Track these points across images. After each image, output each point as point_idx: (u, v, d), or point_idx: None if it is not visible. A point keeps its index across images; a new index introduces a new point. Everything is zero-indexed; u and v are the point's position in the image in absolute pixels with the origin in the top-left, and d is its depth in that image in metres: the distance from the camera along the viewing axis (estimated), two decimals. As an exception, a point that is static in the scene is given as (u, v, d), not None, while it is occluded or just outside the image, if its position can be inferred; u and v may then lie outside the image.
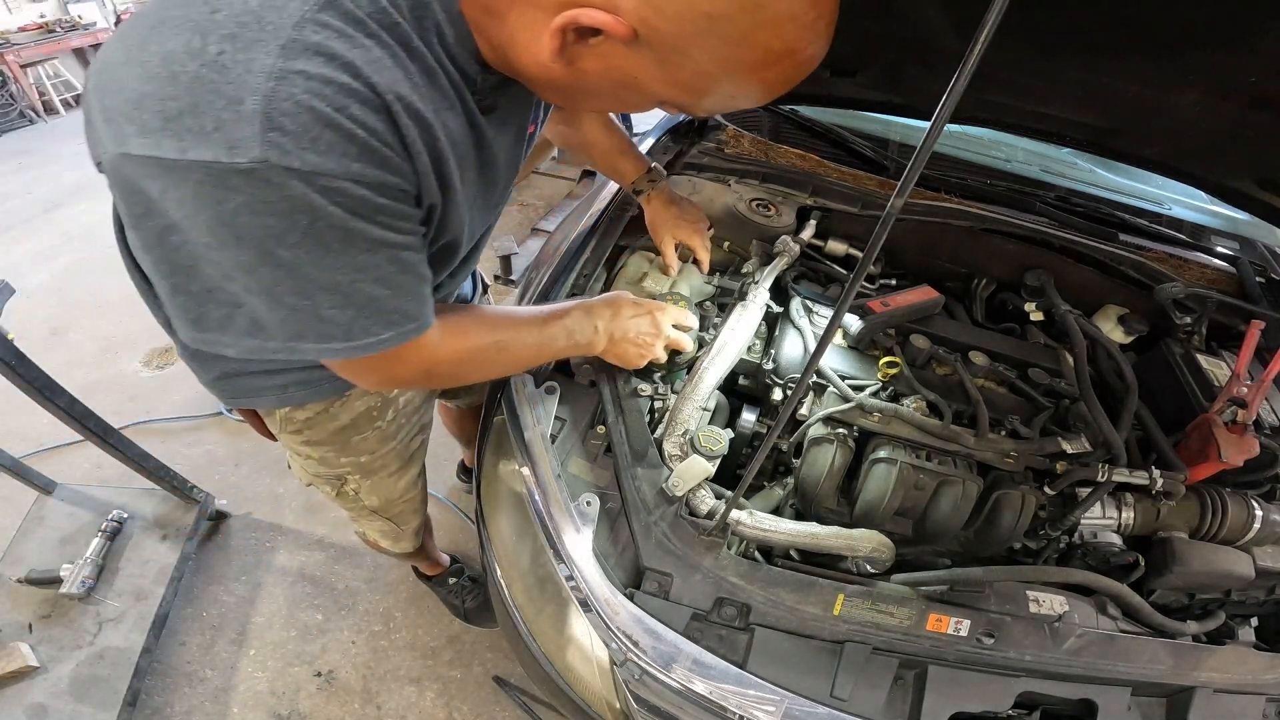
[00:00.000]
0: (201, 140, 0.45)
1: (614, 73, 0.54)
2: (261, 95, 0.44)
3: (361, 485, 1.10)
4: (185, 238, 0.51)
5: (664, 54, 0.50)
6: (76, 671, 1.49)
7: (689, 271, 1.19)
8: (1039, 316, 1.27)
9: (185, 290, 0.55)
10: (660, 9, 0.47)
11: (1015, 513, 0.94)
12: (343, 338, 0.58)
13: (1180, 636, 0.90)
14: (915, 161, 0.43)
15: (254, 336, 0.57)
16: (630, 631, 0.79)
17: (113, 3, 6.41)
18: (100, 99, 0.49)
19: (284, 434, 0.97)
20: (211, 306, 0.56)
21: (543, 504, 0.88)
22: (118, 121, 0.47)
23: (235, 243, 0.49)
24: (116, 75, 0.48)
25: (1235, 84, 0.86)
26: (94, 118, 0.51)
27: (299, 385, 0.86)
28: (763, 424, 1.08)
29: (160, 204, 0.49)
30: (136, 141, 0.46)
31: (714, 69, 0.52)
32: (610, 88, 0.56)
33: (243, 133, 0.44)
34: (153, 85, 0.45)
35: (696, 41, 0.49)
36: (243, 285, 0.53)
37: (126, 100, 0.46)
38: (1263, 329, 1.15)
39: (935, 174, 1.47)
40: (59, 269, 3.24)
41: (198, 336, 0.58)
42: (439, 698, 1.62)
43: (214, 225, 0.48)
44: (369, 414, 0.99)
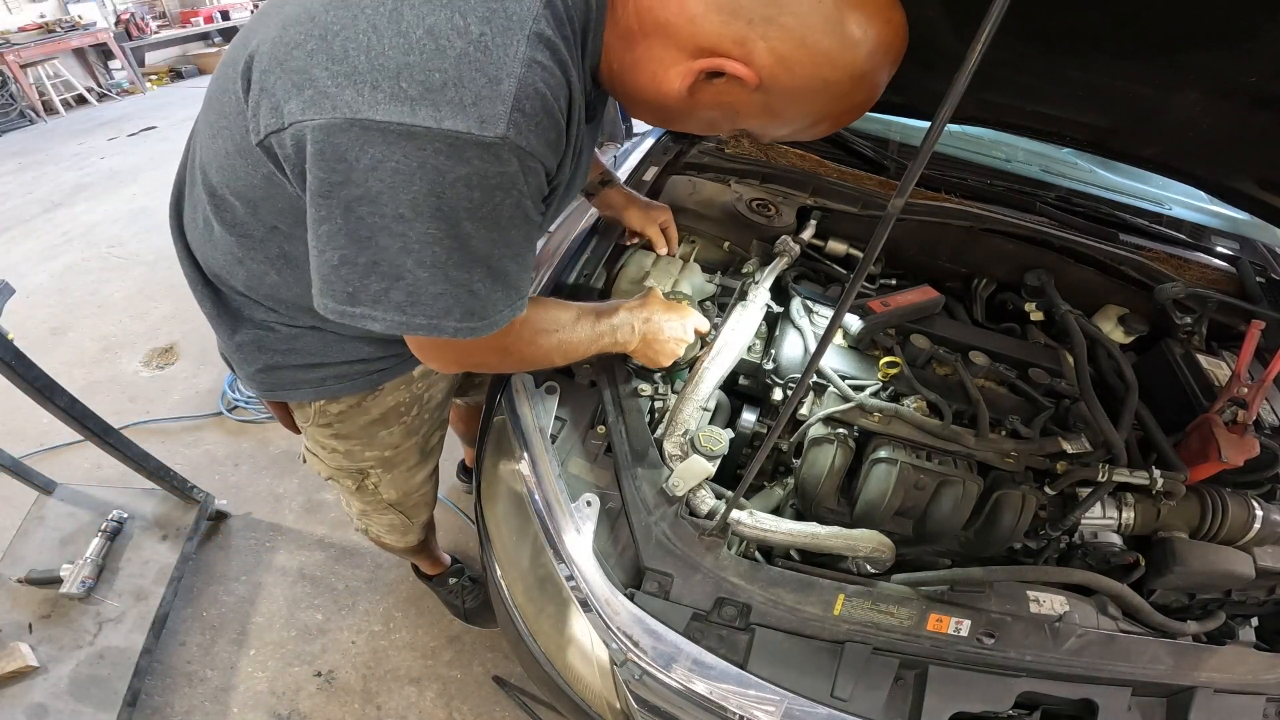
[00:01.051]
0: (458, 112, 0.49)
1: (722, 106, 0.63)
2: (516, 79, 0.50)
3: (382, 479, 1.12)
4: (376, 209, 0.53)
5: (775, 100, 0.60)
6: (76, 671, 1.49)
7: (691, 271, 1.19)
8: (1039, 316, 1.27)
9: (352, 262, 0.56)
10: (790, 70, 0.57)
11: (1015, 513, 0.94)
12: (480, 315, 0.62)
13: (1181, 637, 0.90)
14: (916, 161, 0.43)
15: (403, 312, 0.58)
16: (630, 631, 0.79)
17: (113, 3, 6.41)
18: (327, 65, 0.51)
19: (313, 427, 0.99)
20: (373, 280, 0.57)
21: (543, 504, 0.88)
22: (358, 87, 0.49)
23: (432, 215, 0.53)
24: (358, 43, 0.50)
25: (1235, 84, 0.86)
26: (298, 83, 0.52)
27: (337, 379, 0.89)
28: (763, 424, 1.08)
29: (365, 173, 0.51)
30: (385, 108, 0.49)
31: (809, 116, 0.64)
32: (708, 116, 0.66)
33: (495, 110, 0.50)
34: (417, 57, 0.49)
35: (807, 96, 0.60)
36: (416, 258, 0.55)
37: (381, 68, 0.49)
38: (1263, 329, 1.15)
39: (935, 174, 1.47)
40: (59, 269, 3.24)
41: (346, 310, 0.58)
42: (439, 698, 1.62)
43: (423, 195, 0.52)
44: (398, 409, 1.01)
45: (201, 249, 0.79)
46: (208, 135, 0.68)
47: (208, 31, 7.19)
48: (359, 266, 0.56)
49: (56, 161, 4.59)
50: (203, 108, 0.71)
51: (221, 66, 0.67)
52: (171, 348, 2.69)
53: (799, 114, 0.63)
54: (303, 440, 1.10)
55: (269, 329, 0.84)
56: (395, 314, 0.58)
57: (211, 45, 7.28)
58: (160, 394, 2.46)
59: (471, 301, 0.60)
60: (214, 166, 0.68)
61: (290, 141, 0.54)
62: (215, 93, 0.67)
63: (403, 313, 0.58)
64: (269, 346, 0.84)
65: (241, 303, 0.82)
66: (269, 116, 0.55)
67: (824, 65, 0.57)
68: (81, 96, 5.93)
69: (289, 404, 0.98)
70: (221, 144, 0.65)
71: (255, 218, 0.69)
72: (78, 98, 5.94)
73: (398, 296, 0.58)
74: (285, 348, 0.84)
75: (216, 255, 0.77)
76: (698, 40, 0.57)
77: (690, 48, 0.58)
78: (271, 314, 0.82)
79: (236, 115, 0.61)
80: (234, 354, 0.86)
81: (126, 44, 6.25)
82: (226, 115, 0.63)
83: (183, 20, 7.01)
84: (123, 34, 6.25)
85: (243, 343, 0.84)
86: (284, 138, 0.55)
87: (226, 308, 0.83)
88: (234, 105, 0.61)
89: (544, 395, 0.99)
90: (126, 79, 6.34)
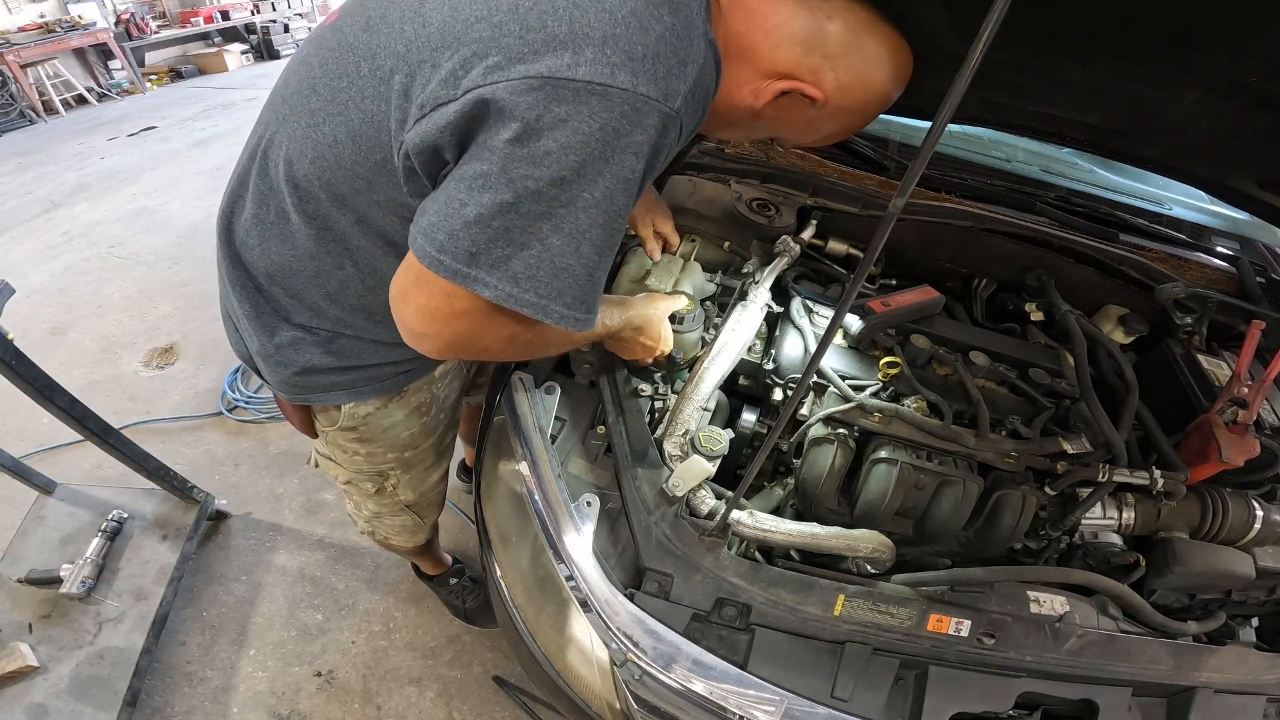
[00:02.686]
0: (651, 81, 0.55)
1: (775, 120, 0.75)
2: (697, 65, 0.59)
3: (401, 480, 1.14)
4: (537, 169, 0.55)
5: (823, 116, 0.74)
6: (76, 671, 1.49)
7: (691, 270, 1.19)
8: (1039, 316, 1.27)
9: (486, 223, 0.56)
10: (846, 95, 0.71)
11: (1016, 513, 0.94)
12: (586, 307, 0.63)
13: (1181, 637, 0.90)
14: (917, 161, 0.43)
15: (517, 284, 0.58)
16: (630, 632, 0.79)
17: (113, 3, 6.41)
18: (520, 34, 0.54)
19: (337, 431, 0.99)
20: (499, 245, 0.57)
21: (543, 504, 0.88)
22: (557, 52, 0.53)
23: (593, 177, 0.56)
24: (557, 16, 0.54)
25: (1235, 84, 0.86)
26: (481, 52, 0.55)
27: (367, 382, 0.91)
28: (763, 424, 1.08)
29: (542, 131, 0.54)
30: (587, 69, 0.53)
31: (838, 130, 0.79)
32: (758, 126, 0.77)
33: (678, 87, 0.57)
34: (623, 30, 0.54)
35: (847, 115, 0.75)
36: (555, 224, 0.57)
37: (586, 37, 0.53)
38: (1263, 329, 1.15)
39: (936, 174, 1.47)
40: (59, 269, 3.24)
41: (460, 270, 0.58)
42: (439, 698, 1.62)
43: (592, 159, 0.55)
44: (419, 409, 1.02)
45: (262, 247, 0.79)
46: (305, 124, 0.68)
47: (208, 31, 7.19)
48: (492, 228, 0.56)
49: (56, 161, 4.59)
50: (291, 100, 0.71)
51: (329, 52, 0.67)
52: (171, 348, 2.69)
53: (832, 128, 0.77)
54: (316, 446, 1.10)
55: (311, 331, 0.85)
56: (509, 284, 0.58)
57: (211, 45, 7.28)
58: (160, 394, 2.46)
59: (586, 288, 0.62)
60: (308, 157, 0.68)
61: (462, 107, 0.55)
62: (324, 79, 0.67)
63: (516, 284, 0.58)
64: (310, 347, 0.85)
65: (289, 304, 0.83)
66: (441, 90, 0.56)
67: (870, 93, 0.73)
68: (81, 96, 5.94)
69: (314, 408, 0.98)
70: (329, 131, 0.66)
71: (341, 209, 0.71)
72: (78, 98, 5.94)
73: (518, 266, 0.58)
74: (325, 349, 0.86)
75: (284, 252, 0.78)
76: (777, 66, 0.68)
77: (769, 71, 0.69)
78: (316, 318, 0.84)
79: (360, 100, 0.63)
80: (271, 355, 0.86)
81: (126, 44, 6.26)
82: (342, 102, 0.65)
83: (183, 20, 7.01)
84: (123, 34, 6.26)
85: (282, 344, 0.85)
86: (452, 106, 0.56)
87: (271, 308, 0.84)
88: (359, 91, 0.63)
89: (544, 395, 0.99)
90: (126, 79, 6.35)
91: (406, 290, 0.64)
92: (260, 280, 0.83)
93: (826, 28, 0.67)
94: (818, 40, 0.67)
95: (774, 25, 0.67)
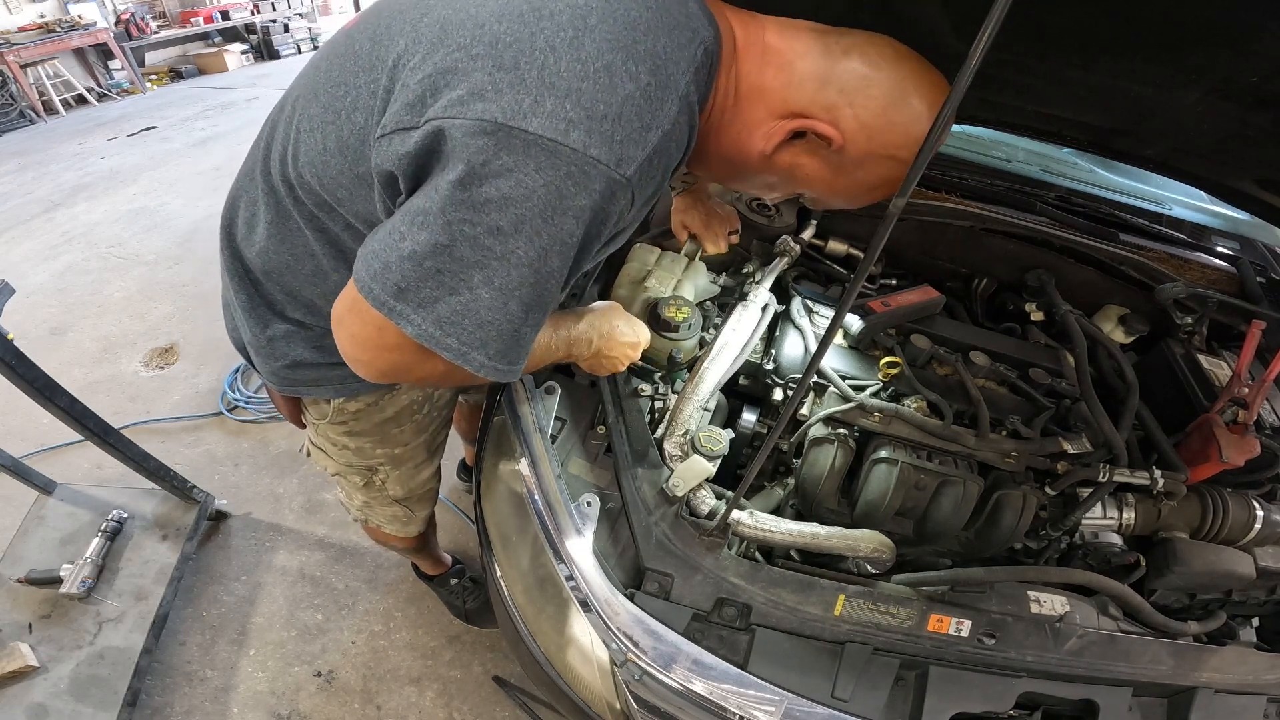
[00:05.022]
0: (605, 144, 0.52)
1: (791, 169, 0.68)
2: (661, 133, 0.55)
3: (390, 475, 1.14)
4: (475, 216, 0.53)
5: (846, 163, 0.66)
6: (76, 671, 1.49)
7: (695, 270, 1.19)
8: (1039, 316, 1.27)
9: (418, 261, 0.55)
10: (870, 136, 0.63)
11: (1016, 513, 0.94)
12: (510, 360, 0.61)
13: (1181, 637, 0.90)
14: (918, 161, 0.43)
15: (439, 327, 0.57)
16: (630, 632, 0.79)
17: (113, 3, 6.41)
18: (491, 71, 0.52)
19: (327, 425, 1.00)
20: (428, 286, 0.55)
21: (543, 504, 0.88)
22: (519, 97, 0.51)
23: (530, 235, 0.54)
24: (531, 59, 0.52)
25: (1235, 84, 0.86)
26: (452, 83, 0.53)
27: (357, 379, 0.87)
28: (763, 424, 1.08)
29: (487, 178, 0.52)
30: (540, 121, 0.51)
31: (867, 183, 0.68)
32: (773, 178, 0.70)
33: (634, 154, 0.54)
34: (590, 85, 0.51)
35: (874, 162, 0.65)
36: (486, 276, 0.55)
37: (551, 86, 0.51)
38: (1263, 329, 1.15)
39: (936, 174, 1.47)
40: (59, 269, 3.24)
41: (386, 302, 0.56)
42: (439, 698, 1.62)
43: (531, 215, 0.53)
44: (411, 407, 1.03)
45: (261, 244, 0.79)
46: (304, 129, 0.67)
47: (208, 31, 7.19)
48: (424, 268, 0.55)
49: (56, 161, 4.59)
50: (298, 101, 0.70)
51: (336, 58, 0.67)
52: (171, 348, 2.69)
53: (860, 179, 0.68)
54: (307, 435, 1.11)
55: (303, 327, 0.86)
56: (432, 326, 0.56)
57: (211, 45, 7.28)
58: (160, 394, 2.46)
59: (511, 343, 0.60)
60: (302, 161, 0.68)
61: (420, 137, 0.54)
62: (326, 86, 0.66)
63: (439, 327, 0.57)
64: (301, 342, 0.87)
65: (284, 300, 0.84)
66: (405, 114, 0.55)
67: (898, 133, 0.63)
68: (81, 96, 5.94)
69: (303, 401, 0.99)
70: (321, 139, 0.65)
71: (331, 215, 0.71)
72: (78, 98, 5.94)
73: (443, 310, 0.56)
74: (316, 344, 0.87)
75: (282, 251, 0.78)
76: (789, 105, 0.64)
77: (781, 111, 0.64)
78: (310, 315, 0.85)
79: (352, 111, 0.62)
80: (264, 347, 0.87)
81: (126, 44, 6.26)
82: (336, 111, 0.64)
83: (183, 20, 7.01)
84: (123, 34, 6.26)
85: (274, 337, 0.85)
86: (413, 135, 0.55)
87: (265, 302, 0.85)
88: (353, 102, 0.62)
89: (544, 395, 0.99)
90: (126, 79, 6.35)
91: (342, 316, 0.63)
92: (257, 275, 0.83)
93: (843, 63, 0.62)
94: (832, 76, 0.62)
95: (786, 61, 0.63)
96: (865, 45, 0.64)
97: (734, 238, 1.23)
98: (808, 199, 0.76)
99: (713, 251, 1.20)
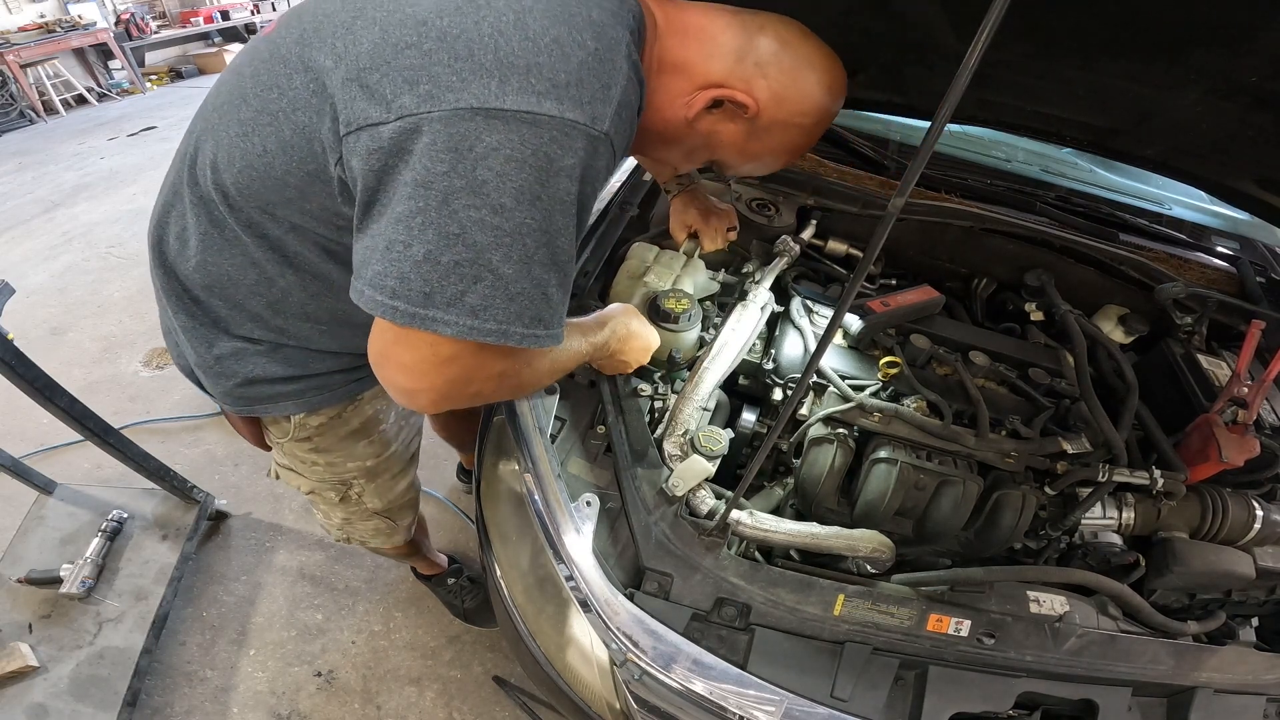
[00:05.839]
0: (577, 106, 0.56)
1: (710, 135, 0.75)
2: (620, 89, 0.60)
3: (366, 489, 1.12)
4: (477, 199, 0.55)
5: (758, 129, 0.74)
6: (76, 671, 1.49)
7: (695, 268, 1.19)
8: (1039, 316, 1.27)
9: (435, 260, 0.56)
10: (780, 105, 0.72)
11: (1016, 513, 0.94)
12: (545, 323, 0.63)
13: (1181, 637, 0.90)
14: (917, 161, 0.43)
15: (475, 316, 0.58)
16: (630, 632, 0.79)
17: (113, 3, 6.41)
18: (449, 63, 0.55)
19: (291, 443, 0.97)
20: (452, 281, 0.57)
21: (543, 504, 0.88)
22: (485, 82, 0.54)
23: (532, 202, 0.57)
24: (484, 45, 0.55)
25: (1235, 84, 0.86)
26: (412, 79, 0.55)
27: (317, 391, 0.88)
28: (763, 424, 1.08)
29: (477, 160, 0.54)
30: (514, 98, 0.54)
31: (777, 149, 0.78)
32: (694, 144, 0.77)
33: (604, 110, 0.58)
34: (546, 58, 0.55)
35: (783, 130, 0.75)
36: (504, 253, 0.57)
37: (511, 66, 0.54)
38: (1263, 329, 1.14)
39: (936, 174, 1.47)
40: (59, 269, 3.24)
41: (418, 313, 0.57)
42: (439, 698, 1.62)
43: (528, 183, 0.56)
44: (375, 418, 1.01)
45: (199, 258, 0.77)
46: (235, 134, 0.67)
47: (208, 31, 7.18)
48: (441, 265, 0.56)
49: (56, 161, 4.59)
50: (222, 109, 0.70)
51: (261, 63, 0.66)
52: (171, 348, 2.69)
53: (769, 144, 0.77)
54: (274, 457, 1.07)
55: (253, 341, 0.83)
56: (467, 318, 0.58)
57: (211, 45, 7.27)
58: (160, 394, 2.46)
59: (543, 307, 0.62)
60: (236, 166, 0.67)
61: (391, 134, 0.55)
62: (254, 90, 0.66)
63: (475, 316, 0.58)
64: (251, 358, 0.83)
65: (228, 315, 0.81)
66: (371, 109, 0.56)
67: (804, 102, 0.73)
68: (81, 96, 5.93)
69: (263, 421, 0.96)
70: (259, 141, 0.65)
71: (271, 219, 0.70)
72: (78, 98, 5.94)
73: (473, 300, 0.58)
74: (266, 359, 0.84)
75: (221, 262, 0.76)
76: (709, 77, 0.70)
77: (702, 82, 0.71)
78: (258, 328, 0.82)
79: (291, 111, 0.62)
80: (211, 367, 0.83)
81: (126, 44, 6.25)
82: (273, 113, 0.64)
83: (183, 20, 7.01)
84: (123, 34, 6.25)
85: (222, 355, 0.82)
86: (384, 130, 0.55)
87: (208, 319, 0.82)
88: (290, 103, 0.62)
89: (544, 395, 0.99)
90: (126, 79, 6.35)
91: (384, 354, 0.63)
92: (197, 292, 0.80)
93: (758, 39, 0.70)
94: (749, 50, 0.70)
95: (708, 38, 0.70)
96: (776, 25, 0.72)
97: (732, 234, 1.23)
98: (721, 165, 0.82)
99: (710, 248, 1.20)
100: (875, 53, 1.19)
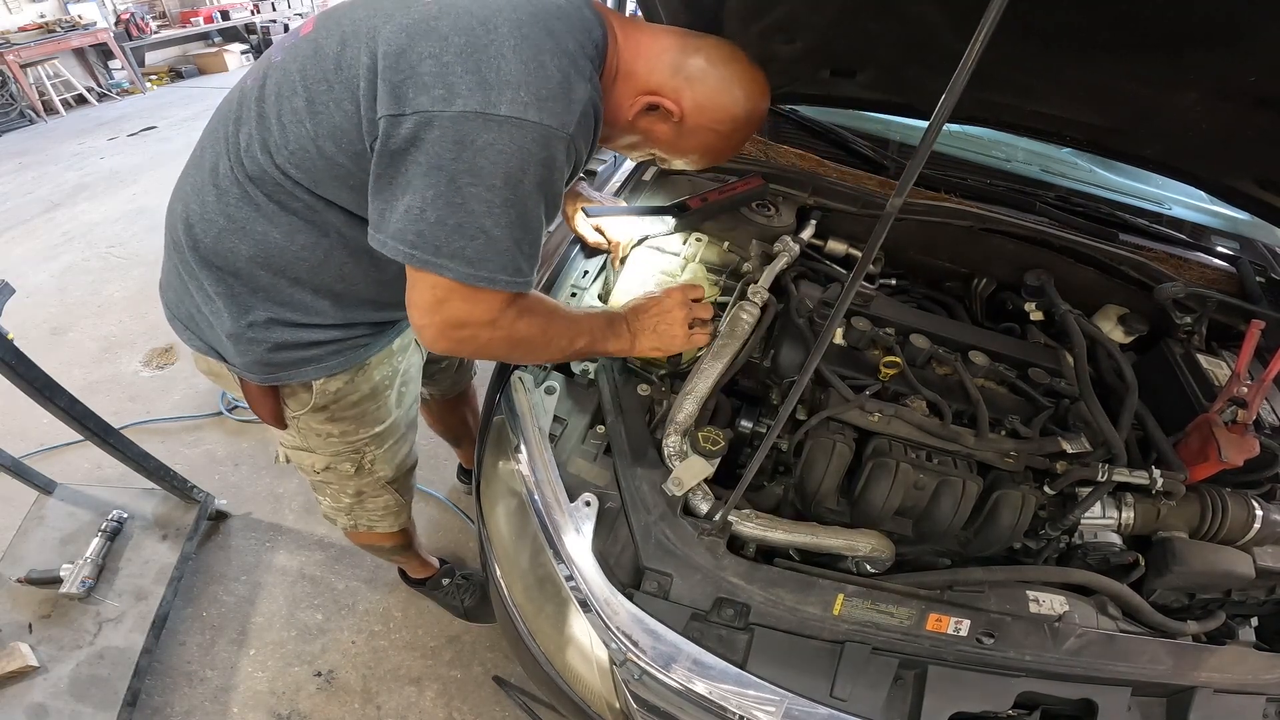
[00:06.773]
0: (553, 115, 0.73)
1: (646, 132, 0.92)
2: (582, 101, 0.76)
3: (378, 456, 1.18)
4: (477, 180, 0.72)
5: (684, 131, 0.90)
6: (76, 671, 1.49)
7: (694, 269, 1.20)
8: (1039, 316, 1.27)
9: (444, 223, 0.73)
10: (702, 112, 0.88)
11: (1015, 512, 0.94)
12: (521, 274, 0.80)
13: (1180, 637, 0.90)
14: (915, 161, 0.43)
15: (472, 265, 0.76)
16: (630, 631, 0.79)
17: (113, 3, 6.41)
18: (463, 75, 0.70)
19: (309, 414, 1.03)
20: (456, 238, 0.74)
21: (543, 504, 0.88)
22: (487, 93, 0.70)
23: (514, 184, 0.74)
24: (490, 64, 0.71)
25: (1235, 84, 0.86)
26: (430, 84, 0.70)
27: (333, 354, 0.98)
28: (763, 424, 1.08)
29: (477, 152, 0.71)
30: (507, 107, 0.70)
31: (701, 151, 0.95)
32: (634, 139, 0.94)
33: (570, 117, 0.75)
34: (534, 78, 0.72)
35: (704, 134, 0.91)
36: (495, 220, 0.75)
37: (507, 82, 0.71)
38: (1263, 329, 1.14)
39: (935, 174, 1.47)
40: (59, 269, 3.24)
41: (430, 260, 0.75)
42: (439, 698, 1.62)
43: (514, 170, 0.73)
44: (383, 383, 1.08)
45: (244, 230, 0.85)
46: (292, 120, 0.79)
47: (208, 31, 7.19)
48: (448, 226, 0.74)
49: (56, 161, 4.60)
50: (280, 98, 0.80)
51: (308, 59, 0.78)
52: (171, 348, 2.69)
53: (693, 144, 0.93)
54: (283, 440, 1.14)
55: (288, 303, 0.91)
56: (466, 266, 0.75)
57: (211, 45, 7.28)
58: (160, 394, 2.47)
59: (520, 259, 0.79)
60: (298, 147, 0.79)
61: (410, 125, 0.71)
62: (302, 83, 0.78)
63: (471, 265, 0.76)
64: (279, 326, 0.92)
65: (268, 281, 0.89)
66: (391, 105, 0.72)
67: (721, 112, 0.89)
68: (81, 96, 5.94)
69: (282, 395, 1.01)
70: (311, 128, 0.78)
71: (315, 194, 0.83)
72: (78, 98, 5.94)
73: (471, 252, 0.75)
74: (293, 324, 0.93)
75: (273, 233, 0.85)
76: (649, 85, 0.87)
77: (643, 89, 0.87)
78: (297, 288, 0.91)
79: (341, 102, 0.76)
80: (243, 334, 0.91)
81: (126, 44, 6.25)
82: (326, 103, 0.77)
83: (183, 20, 7.01)
84: (123, 34, 6.26)
85: (255, 322, 0.91)
86: (403, 121, 0.71)
87: (247, 288, 0.89)
88: (339, 95, 0.76)
89: (543, 395, 0.99)
90: (126, 79, 6.35)
91: (409, 295, 0.80)
92: (239, 264, 0.88)
93: (692, 58, 0.87)
94: (682, 66, 0.86)
95: (653, 54, 0.87)
96: (710, 48, 0.88)
97: None
98: (658, 158, 0.99)
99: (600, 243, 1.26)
100: (875, 53, 1.19)
